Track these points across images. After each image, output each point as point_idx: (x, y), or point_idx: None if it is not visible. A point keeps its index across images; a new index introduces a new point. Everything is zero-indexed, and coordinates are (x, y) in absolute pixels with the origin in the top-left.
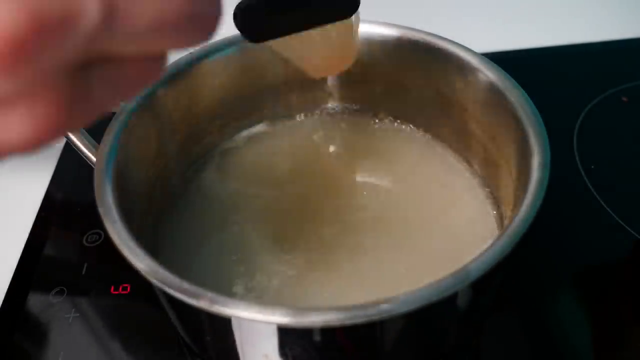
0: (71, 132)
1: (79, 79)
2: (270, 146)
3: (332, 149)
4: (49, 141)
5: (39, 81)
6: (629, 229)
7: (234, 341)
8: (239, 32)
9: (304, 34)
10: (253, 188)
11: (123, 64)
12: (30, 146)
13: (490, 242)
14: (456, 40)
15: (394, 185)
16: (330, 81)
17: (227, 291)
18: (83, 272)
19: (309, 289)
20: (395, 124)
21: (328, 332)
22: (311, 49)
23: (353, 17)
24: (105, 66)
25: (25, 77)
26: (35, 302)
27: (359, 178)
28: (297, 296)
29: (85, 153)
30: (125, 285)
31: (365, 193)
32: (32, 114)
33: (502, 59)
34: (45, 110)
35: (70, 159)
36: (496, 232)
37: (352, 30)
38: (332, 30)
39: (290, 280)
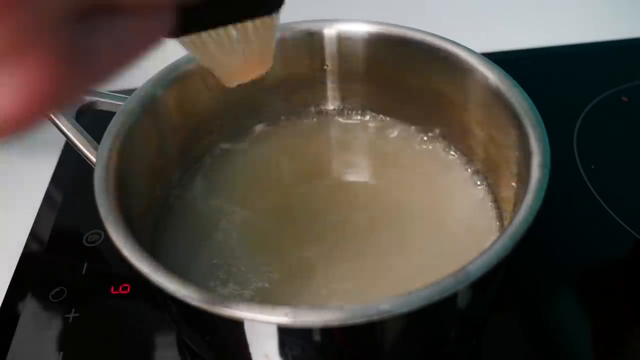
0: (70, 100)
1: (79, 31)
2: (270, 146)
3: (331, 149)
4: (46, 110)
5: (34, 28)
6: (629, 229)
7: (234, 341)
8: None
9: (221, 32)
10: (251, 189)
11: (126, 15)
12: (24, 117)
13: (490, 242)
14: (456, 40)
15: (393, 185)
16: (330, 81)
17: None
18: (83, 272)
19: (302, 283)
20: (395, 124)
21: (328, 332)
22: (228, 50)
23: (275, 15)
24: (106, 18)
25: (17, 23)
26: (35, 302)
27: (359, 178)
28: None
29: (85, 153)
30: (125, 285)
31: (364, 193)
32: (27, 71)
33: (502, 59)
34: (42, 66)
35: (70, 159)
36: (496, 232)
37: (273, 30)
38: (251, 29)
39: (285, 278)
